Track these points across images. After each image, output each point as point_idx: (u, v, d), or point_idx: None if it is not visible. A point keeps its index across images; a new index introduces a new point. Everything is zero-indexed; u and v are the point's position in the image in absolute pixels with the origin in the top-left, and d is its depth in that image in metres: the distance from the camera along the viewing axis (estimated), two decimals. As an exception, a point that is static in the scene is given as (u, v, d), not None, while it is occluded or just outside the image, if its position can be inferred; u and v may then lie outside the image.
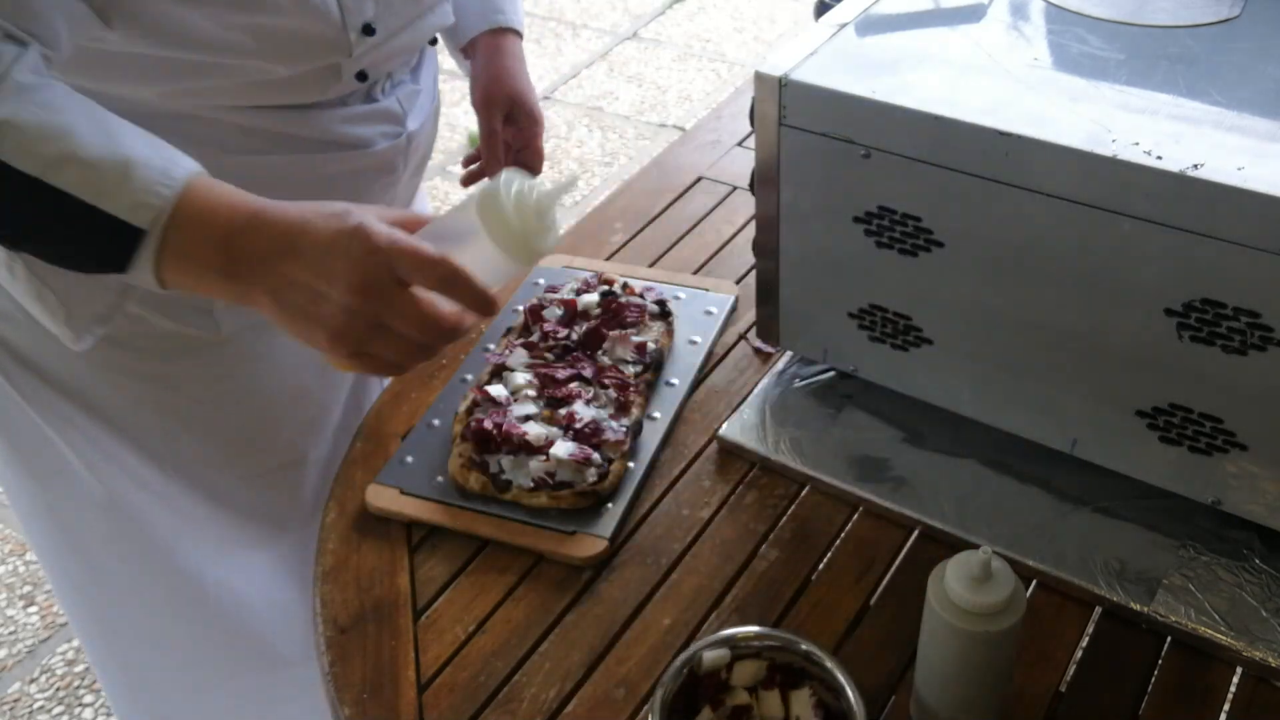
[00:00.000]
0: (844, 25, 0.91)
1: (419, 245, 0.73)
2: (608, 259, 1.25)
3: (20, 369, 1.05)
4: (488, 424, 0.97)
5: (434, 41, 1.14)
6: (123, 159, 0.73)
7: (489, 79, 1.20)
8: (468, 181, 1.30)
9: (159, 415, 1.08)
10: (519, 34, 1.22)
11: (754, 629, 0.79)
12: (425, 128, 1.11)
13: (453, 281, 0.73)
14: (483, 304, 0.74)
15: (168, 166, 0.74)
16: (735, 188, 1.34)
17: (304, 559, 1.20)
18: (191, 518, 1.14)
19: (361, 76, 0.99)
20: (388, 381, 1.23)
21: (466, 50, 1.22)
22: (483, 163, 1.27)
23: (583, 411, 0.99)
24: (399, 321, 0.73)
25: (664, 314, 1.11)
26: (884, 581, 0.89)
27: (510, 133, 1.23)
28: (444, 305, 0.74)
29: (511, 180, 0.74)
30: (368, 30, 0.95)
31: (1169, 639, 0.84)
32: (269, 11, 0.88)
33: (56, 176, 0.71)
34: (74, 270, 0.80)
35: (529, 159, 1.25)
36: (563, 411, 0.99)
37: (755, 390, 1.05)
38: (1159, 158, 0.73)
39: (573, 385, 1.02)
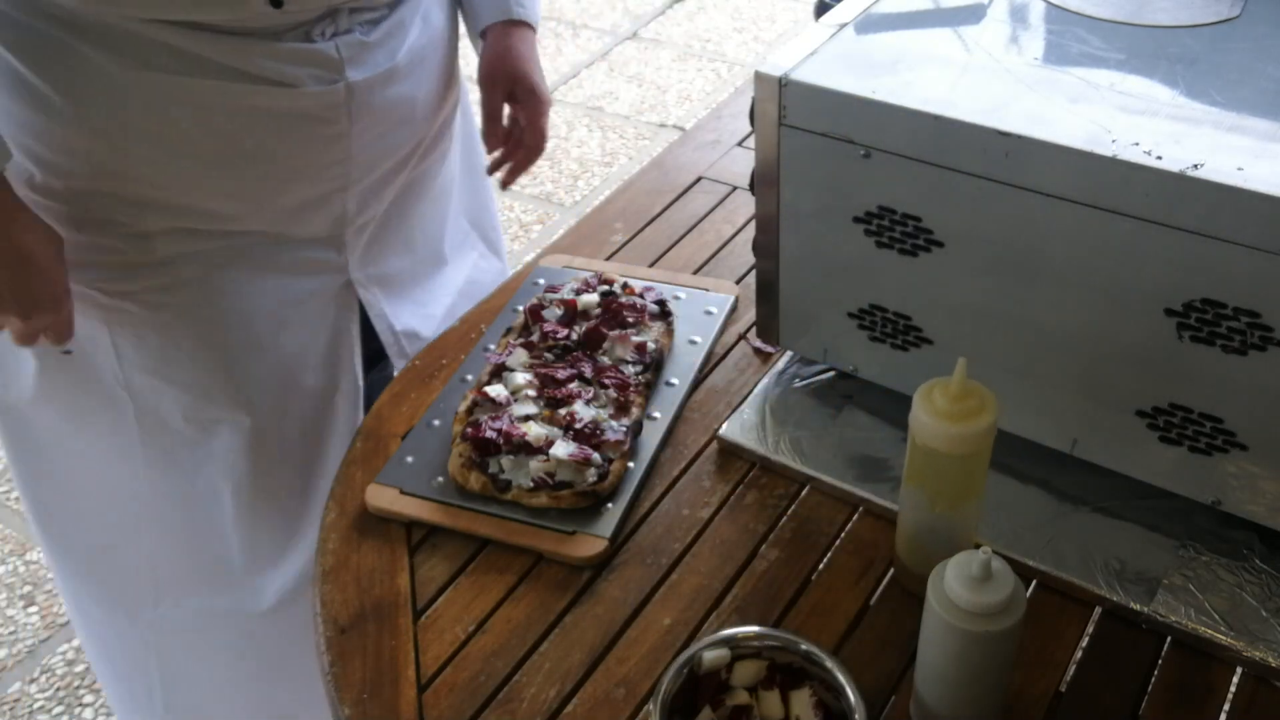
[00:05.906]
0: (844, 25, 0.91)
1: None
2: (608, 259, 1.25)
3: None
4: (489, 432, 0.97)
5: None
6: None
7: (493, 57, 1.24)
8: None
9: (115, 345, 1.11)
10: (533, 27, 1.26)
11: (754, 629, 0.80)
12: (389, 90, 1.10)
13: None
14: None
15: None
16: (735, 188, 1.34)
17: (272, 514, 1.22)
18: (147, 446, 1.17)
19: (275, 3, 0.98)
20: (359, 354, 1.25)
21: (483, 37, 1.26)
22: (484, 138, 1.30)
23: (583, 411, 0.99)
24: None
25: (664, 314, 1.11)
26: (884, 581, 0.89)
27: (516, 111, 1.27)
28: None
29: None
30: None
31: (1169, 639, 0.84)
32: None
33: None
34: None
35: (531, 138, 1.27)
36: (563, 412, 0.99)
37: (755, 390, 1.05)
38: (1159, 158, 0.73)
39: (573, 385, 1.02)
